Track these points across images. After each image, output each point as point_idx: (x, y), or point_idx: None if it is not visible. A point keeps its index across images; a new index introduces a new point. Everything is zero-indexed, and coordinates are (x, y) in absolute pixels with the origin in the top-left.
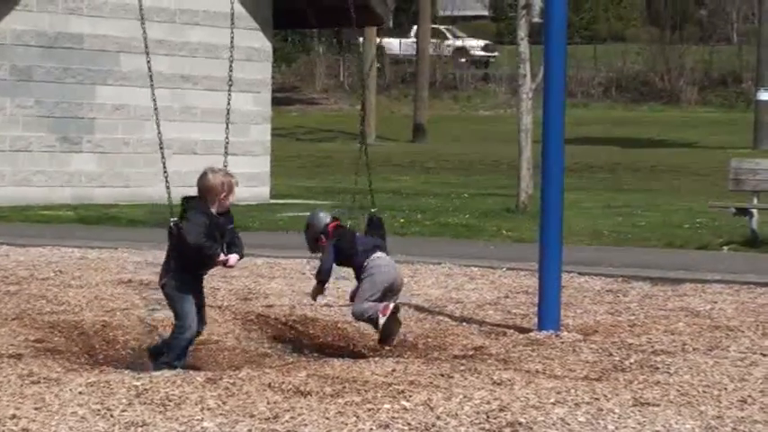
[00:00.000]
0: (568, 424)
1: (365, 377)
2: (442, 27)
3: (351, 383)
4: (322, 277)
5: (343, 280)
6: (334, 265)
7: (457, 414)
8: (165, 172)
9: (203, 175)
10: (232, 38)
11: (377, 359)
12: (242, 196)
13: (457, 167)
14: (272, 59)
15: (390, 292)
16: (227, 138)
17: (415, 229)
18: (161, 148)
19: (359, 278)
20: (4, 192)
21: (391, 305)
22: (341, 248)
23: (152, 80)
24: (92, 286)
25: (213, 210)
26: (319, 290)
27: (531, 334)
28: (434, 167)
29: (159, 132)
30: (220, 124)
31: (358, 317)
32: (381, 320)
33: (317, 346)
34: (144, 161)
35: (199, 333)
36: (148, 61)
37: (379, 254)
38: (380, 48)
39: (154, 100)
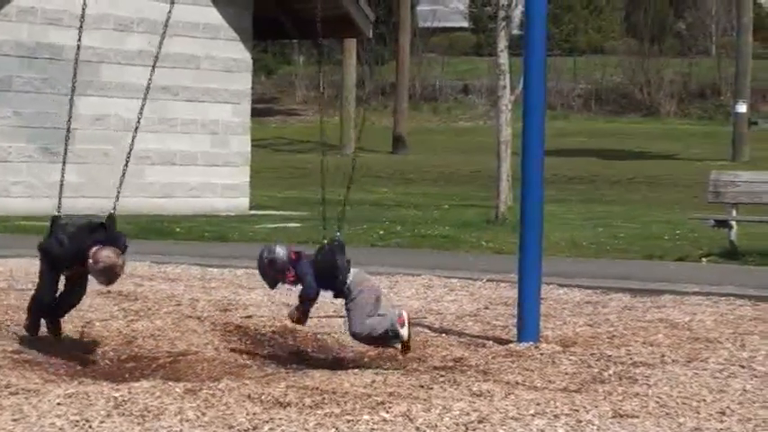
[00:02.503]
0: None
1: (345, 388)
2: None
3: (330, 395)
4: (311, 296)
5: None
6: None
7: (436, 425)
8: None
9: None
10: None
11: (356, 370)
12: (221, 207)
13: (436, 179)
14: (251, 70)
15: (378, 303)
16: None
17: (394, 241)
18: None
19: (343, 296)
20: None
21: (404, 313)
22: (323, 271)
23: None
24: None
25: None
26: (305, 312)
27: (511, 345)
28: (414, 179)
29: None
30: (200, 135)
31: (365, 336)
32: (404, 331)
33: (297, 357)
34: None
35: None
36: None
37: (353, 270)
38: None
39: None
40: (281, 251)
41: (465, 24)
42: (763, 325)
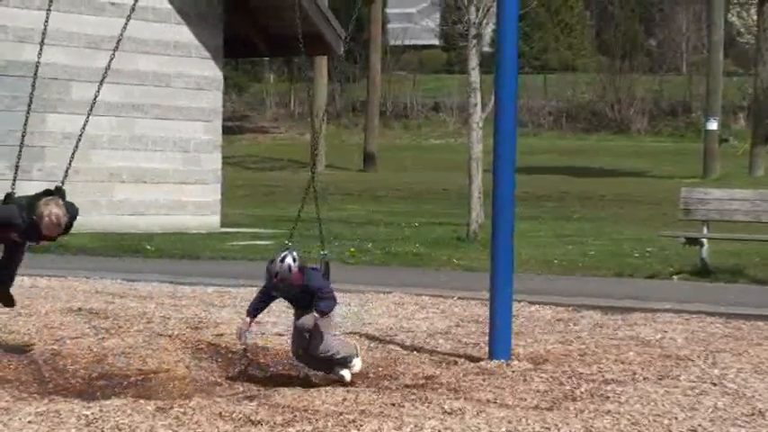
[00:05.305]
0: None
1: (316, 406)
2: None
3: (301, 413)
4: (333, 308)
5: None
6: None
7: None
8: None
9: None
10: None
11: (327, 388)
12: (192, 225)
13: (407, 196)
14: (222, 88)
15: None
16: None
17: (365, 258)
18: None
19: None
20: None
21: (357, 346)
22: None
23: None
24: (41, 315)
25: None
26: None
27: (482, 363)
28: (385, 196)
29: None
30: (171, 152)
31: (323, 356)
32: (358, 362)
33: (268, 375)
34: (94, 189)
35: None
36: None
37: None
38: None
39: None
40: (294, 257)
41: (436, 42)
42: (734, 342)
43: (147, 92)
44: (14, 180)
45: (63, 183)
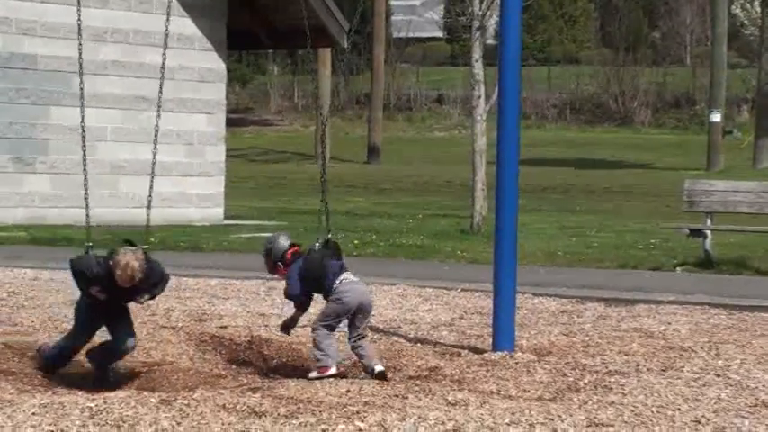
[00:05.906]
0: None
1: (320, 398)
2: None
3: (305, 404)
4: (291, 297)
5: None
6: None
7: None
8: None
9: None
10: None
11: (331, 380)
12: (196, 217)
13: (411, 188)
14: (226, 80)
15: (361, 312)
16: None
17: (369, 250)
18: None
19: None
20: None
21: (332, 369)
22: (308, 272)
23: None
24: (45, 307)
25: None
26: (296, 319)
27: (486, 354)
28: (389, 188)
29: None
30: (175, 145)
31: (312, 337)
32: (312, 375)
33: (272, 366)
34: (98, 182)
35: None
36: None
37: (346, 275)
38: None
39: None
40: (282, 243)
41: (439, 34)
42: (737, 334)
43: (150, 84)
44: (88, 233)
45: (145, 247)
